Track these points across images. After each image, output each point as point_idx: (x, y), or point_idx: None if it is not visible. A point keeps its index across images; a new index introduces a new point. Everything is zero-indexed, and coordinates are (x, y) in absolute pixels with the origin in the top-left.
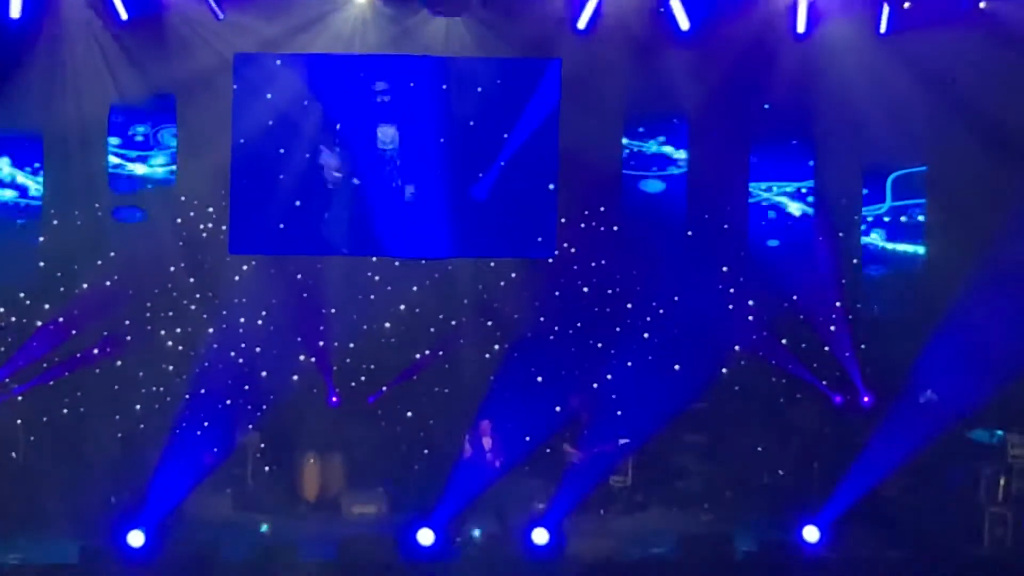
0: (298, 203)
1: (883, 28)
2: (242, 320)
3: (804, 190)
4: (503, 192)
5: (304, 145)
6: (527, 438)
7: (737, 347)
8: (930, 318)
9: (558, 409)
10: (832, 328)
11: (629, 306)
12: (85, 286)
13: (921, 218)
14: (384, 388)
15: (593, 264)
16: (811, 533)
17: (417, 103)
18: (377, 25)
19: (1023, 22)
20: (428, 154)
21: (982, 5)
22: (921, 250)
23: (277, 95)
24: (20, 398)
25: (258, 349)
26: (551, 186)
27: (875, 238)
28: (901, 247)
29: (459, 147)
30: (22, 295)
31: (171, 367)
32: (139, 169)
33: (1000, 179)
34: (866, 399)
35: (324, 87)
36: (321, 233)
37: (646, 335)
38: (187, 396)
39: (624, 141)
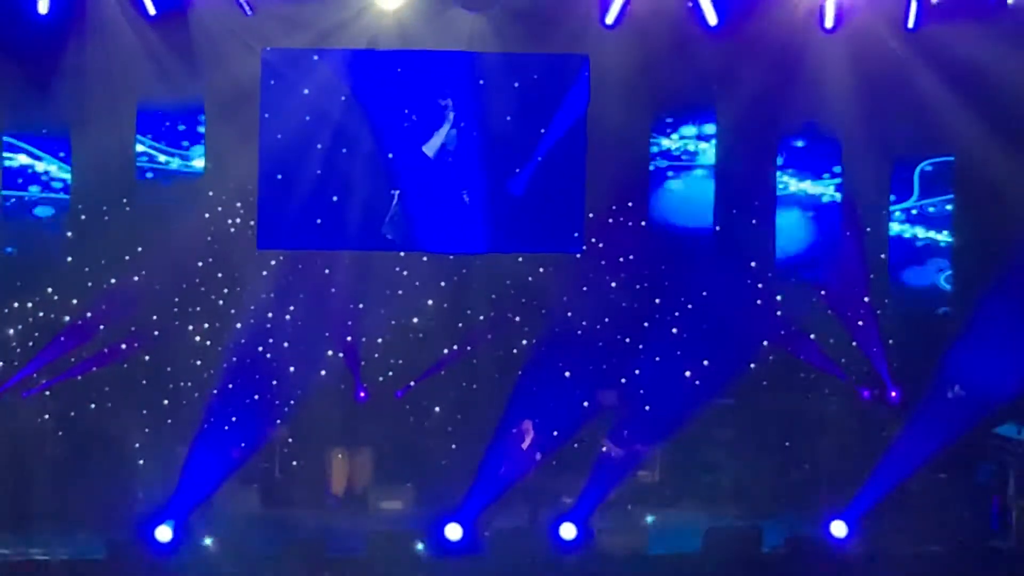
0: (335, 198)
1: (911, 23)
2: (270, 315)
3: (832, 185)
4: (535, 187)
5: (341, 140)
6: (555, 433)
7: (765, 342)
8: (958, 312)
9: (586, 404)
10: (860, 323)
11: (657, 301)
12: (113, 281)
13: (949, 207)
14: (411, 383)
15: (621, 259)
16: (839, 528)
17: (454, 99)
18: (406, 20)
19: None
20: (466, 149)
21: (1009, 1)
22: (949, 242)
23: (313, 90)
24: (48, 393)
25: (286, 344)
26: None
27: (903, 231)
28: (929, 241)
29: (496, 142)
30: (50, 290)
31: (199, 362)
32: (167, 164)
33: None
34: (894, 394)
35: (361, 82)
36: (360, 228)
37: (674, 330)
38: (215, 391)
39: (652, 136)
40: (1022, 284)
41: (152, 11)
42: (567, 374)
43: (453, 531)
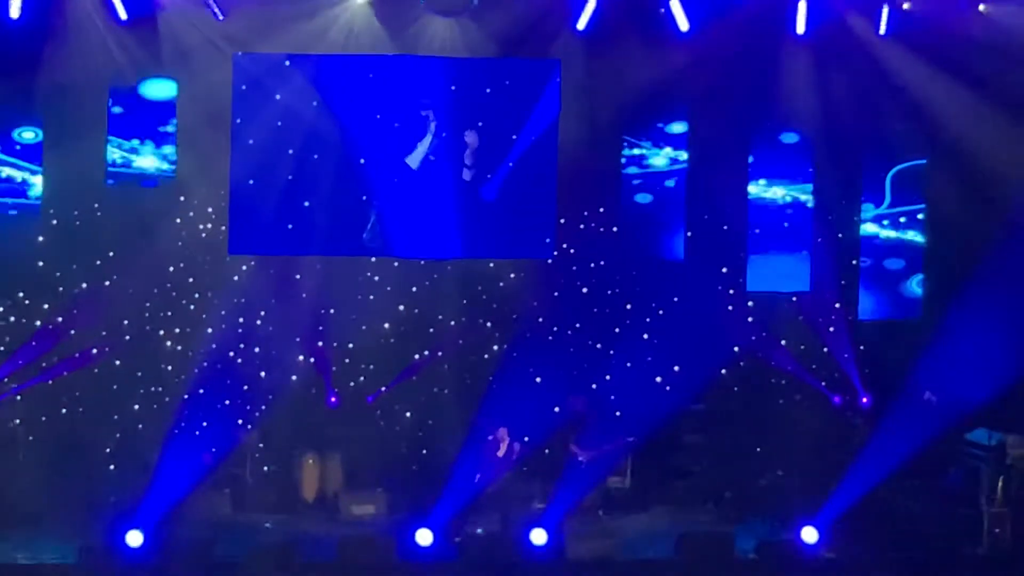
0: (307, 204)
1: (883, 29)
2: (241, 320)
3: (804, 190)
4: (507, 192)
5: (312, 145)
6: (526, 438)
7: (736, 348)
8: (929, 319)
9: (557, 410)
10: (831, 329)
11: (628, 307)
12: (84, 286)
13: (921, 216)
14: (383, 388)
15: (592, 265)
16: (810, 534)
17: (429, 106)
18: (377, 25)
19: (1021, 25)
20: (438, 154)
21: (981, 8)
22: (920, 249)
23: (284, 95)
24: (19, 397)
25: (257, 349)
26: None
27: (875, 236)
28: (901, 246)
29: (468, 148)
30: (21, 294)
31: (170, 367)
32: (139, 169)
33: (1000, 179)
34: (865, 400)
35: (332, 87)
36: (332, 234)
37: (645, 336)
38: (186, 396)
39: (623, 141)
40: (994, 290)
41: (124, 15)
42: (538, 379)
43: (424, 536)
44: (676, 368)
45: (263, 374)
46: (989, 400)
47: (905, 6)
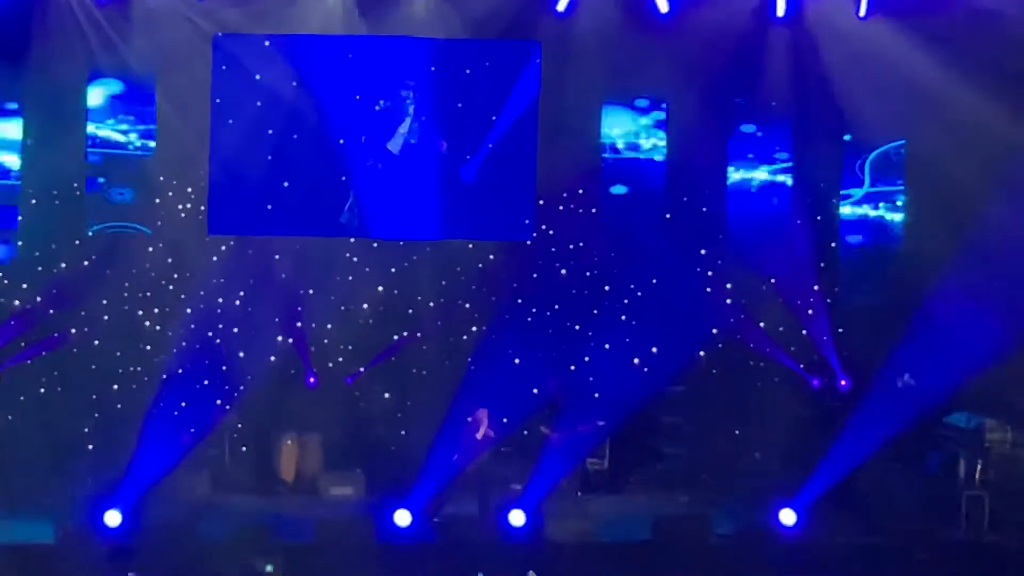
0: (286, 184)
1: (863, 11)
2: (220, 301)
3: (783, 173)
4: (486, 174)
5: (292, 126)
6: (504, 420)
7: (715, 330)
8: (908, 302)
9: (536, 391)
10: (810, 312)
11: (607, 288)
12: (63, 265)
13: (900, 201)
14: (362, 369)
15: (571, 246)
16: (788, 516)
17: (407, 85)
18: (357, 5)
19: (1000, 6)
20: (419, 136)
21: None
22: (900, 232)
23: (264, 76)
24: None
25: (236, 330)
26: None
27: (853, 220)
28: (879, 229)
29: (448, 129)
30: (0, 274)
31: (148, 347)
32: (117, 148)
33: (981, 161)
34: (843, 383)
35: (312, 68)
36: (311, 214)
37: (624, 317)
38: (164, 376)
39: (603, 123)
40: (973, 273)
41: None
42: (517, 361)
43: (402, 517)
44: (654, 350)
45: (242, 355)
46: (967, 384)
47: None
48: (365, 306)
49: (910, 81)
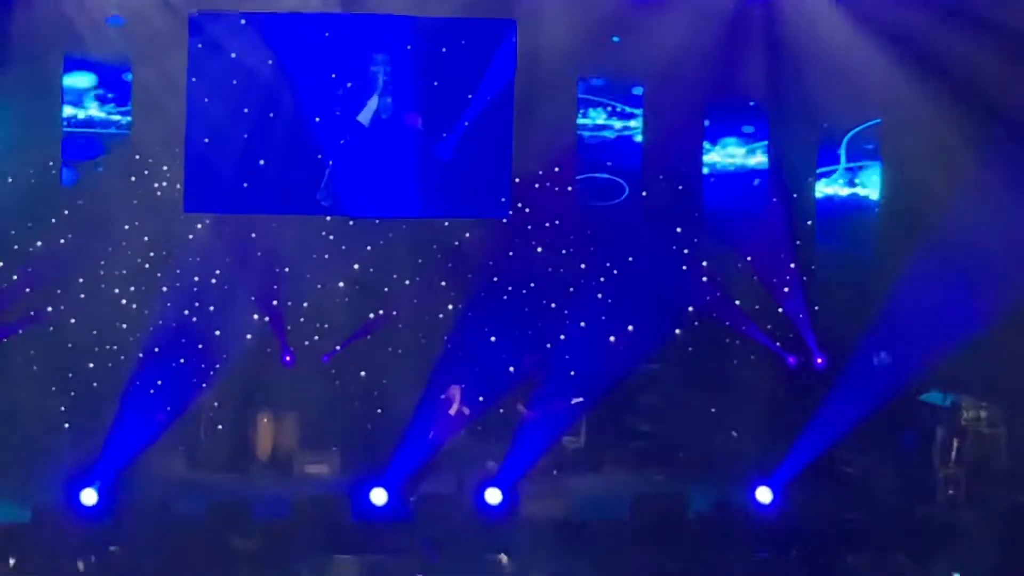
0: (262, 162)
1: None
2: (196, 279)
3: (759, 150)
4: (463, 152)
5: (268, 104)
6: (480, 398)
7: (691, 308)
8: (884, 280)
9: (512, 369)
10: (786, 289)
11: (583, 266)
12: (39, 244)
13: (876, 178)
14: (338, 347)
15: (547, 225)
16: (764, 494)
17: (383, 64)
18: None
19: None
20: (393, 112)
21: None
22: (875, 211)
23: (240, 54)
24: None
25: (212, 308)
26: None
27: (829, 198)
28: (855, 208)
29: (423, 107)
30: None
31: (125, 325)
32: (93, 127)
33: (956, 139)
34: (819, 361)
35: (288, 46)
36: (287, 192)
37: (599, 295)
38: (140, 354)
39: (579, 102)
40: (948, 251)
41: None
42: (493, 339)
43: (378, 496)
44: (630, 328)
45: (218, 333)
46: (943, 362)
47: None
48: (341, 284)
49: (885, 60)
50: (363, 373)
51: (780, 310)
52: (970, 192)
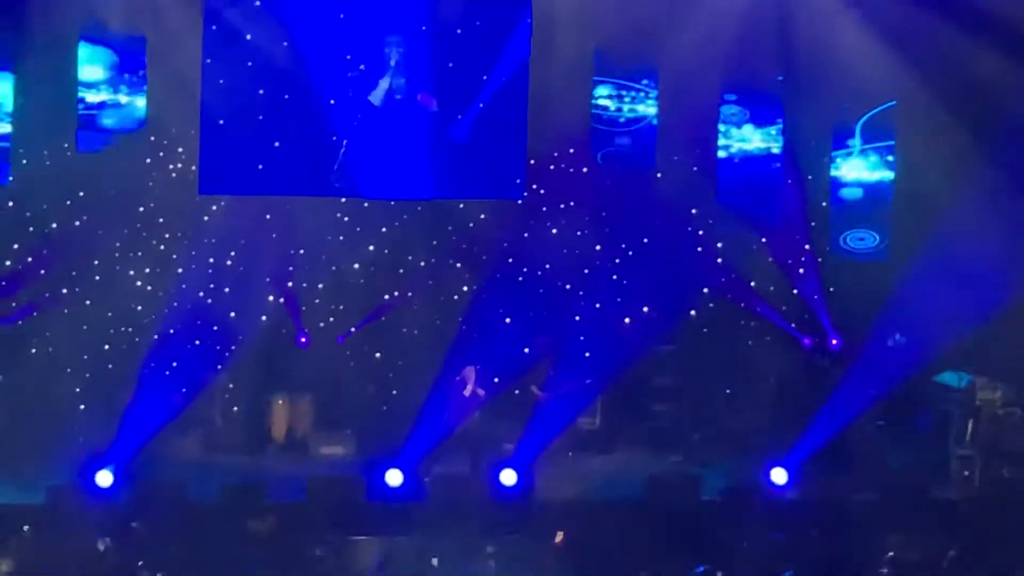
0: (277, 144)
1: None
2: (211, 260)
3: (774, 131)
4: (478, 133)
5: (283, 86)
6: (495, 379)
7: (706, 289)
8: (899, 261)
9: (526, 351)
10: (801, 271)
11: (598, 248)
12: (54, 226)
13: (891, 158)
14: (353, 329)
15: (562, 206)
16: (779, 475)
17: (397, 44)
18: None
19: None
20: (406, 93)
21: None
22: (890, 192)
23: (255, 35)
24: None
25: (227, 289)
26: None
27: (845, 180)
28: (870, 189)
29: (439, 88)
30: None
31: (140, 307)
32: (109, 108)
33: (971, 121)
34: (834, 342)
35: (303, 27)
36: (302, 174)
37: (614, 277)
38: (156, 336)
39: (594, 83)
40: (963, 231)
41: None
42: (508, 320)
43: (394, 477)
44: (645, 309)
45: (233, 314)
46: (958, 343)
47: None
48: (356, 266)
49: (901, 41)
50: (378, 355)
51: (795, 291)
52: (984, 175)
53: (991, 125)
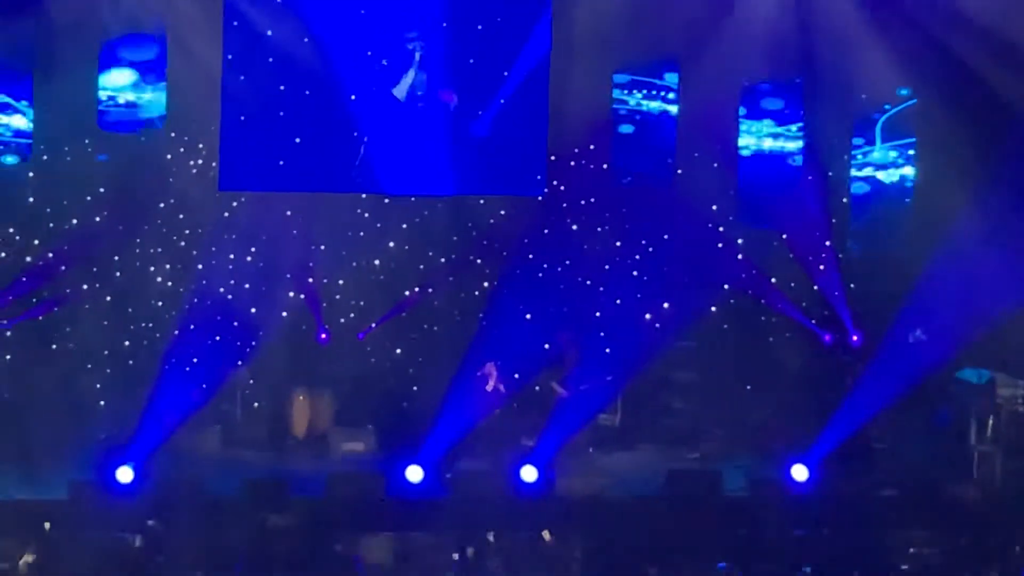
0: (298, 140)
1: None
2: (231, 257)
3: (795, 127)
4: (498, 129)
5: (304, 82)
6: (515, 375)
7: (726, 286)
8: (920, 257)
9: (547, 347)
10: (821, 267)
11: (618, 244)
12: (75, 222)
13: (911, 156)
14: (373, 325)
15: (583, 202)
16: (799, 471)
17: (420, 40)
18: None
19: None
20: (428, 89)
21: None
22: (911, 188)
23: (276, 31)
24: (9, 334)
25: (247, 286)
26: None
27: (864, 177)
28: (891, 185)
29: (459, 84)
30: (12, 231)
31: (160, 303)
32: (129, 105)
33: (992, 117)
34: (855, 338)
35: (324, 23)
36: (322, 170)
37: (635, 273)
38: (176, 332)
39: (614, 79)
40: (984, 229)
41: None
42: (528, 316)
43: (414, 473)
44: (666, 305)
45: (253, 310)
46: (979, 339)
47: None
48: (377, 262)
49: (921, 36)
50: (398, 351)
51: (815, 287)
52: (1007, 170)
53: (1012, 122)
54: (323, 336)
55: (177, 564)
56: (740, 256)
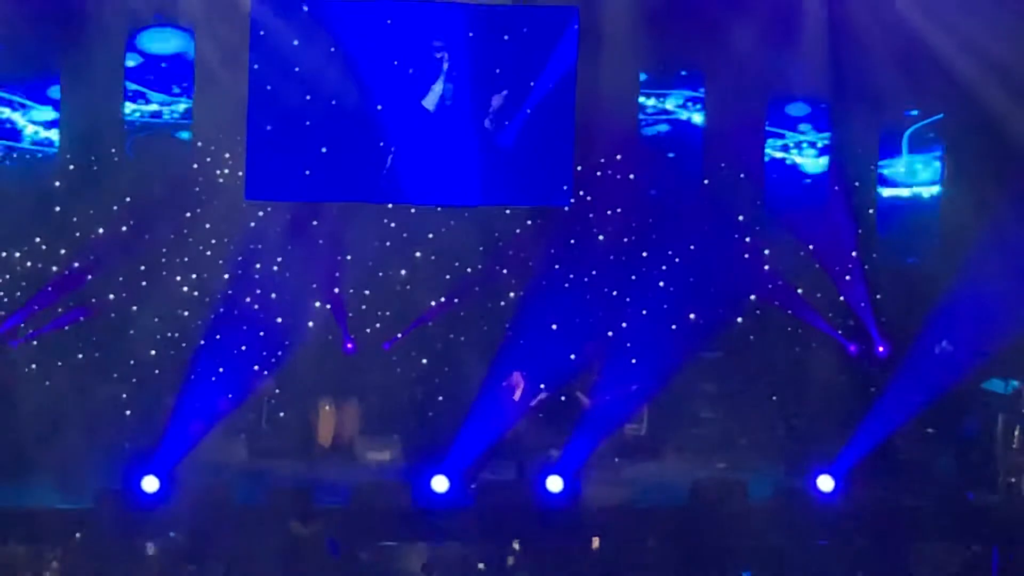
0: (324, 150)
1: None
2: (257, 266)
3: (821, 140)
4: (524, 140)
5: (330, 92)
6: (542, 386)
7: (752, 296)
8: (946, 268)
9: (573, 357)
10: (847, 278)
11: (644, 254)
12: (101, 231)
13: (937, 164)
14: (399, 335)
15: (609, 212)
16: (825, 482)
17: (447, 50)
18: None
19: None
20: (456, 101)
21: None
22: (937, 199)
23: (302, 41)
24: (35, 343)
25: (273, 295)
26: None
27: (891, 187)
28: (917, 198)
29: (485, 95)
30: (38, 240)
31: (186, 313)
32: (155, 114)
33: (1018, 129)
34: (881, 349)
35: (350, 33)
36: (349, 179)
37: (661, 283)
38: (202, 342)
39: (641, 89)
40: (1009, 240)
41: None
42: (554, 327)
43: (440, 483)
44: (692, 316)
45: (279, 320)
46: (1005, 350)
47: None
48: (403, 272)
49: (947, 50)
50: (424, 360)
51: (842, 299)
52: None
53: None
54: (349, 346)
55: (203, 572)
56: (766, 267)
